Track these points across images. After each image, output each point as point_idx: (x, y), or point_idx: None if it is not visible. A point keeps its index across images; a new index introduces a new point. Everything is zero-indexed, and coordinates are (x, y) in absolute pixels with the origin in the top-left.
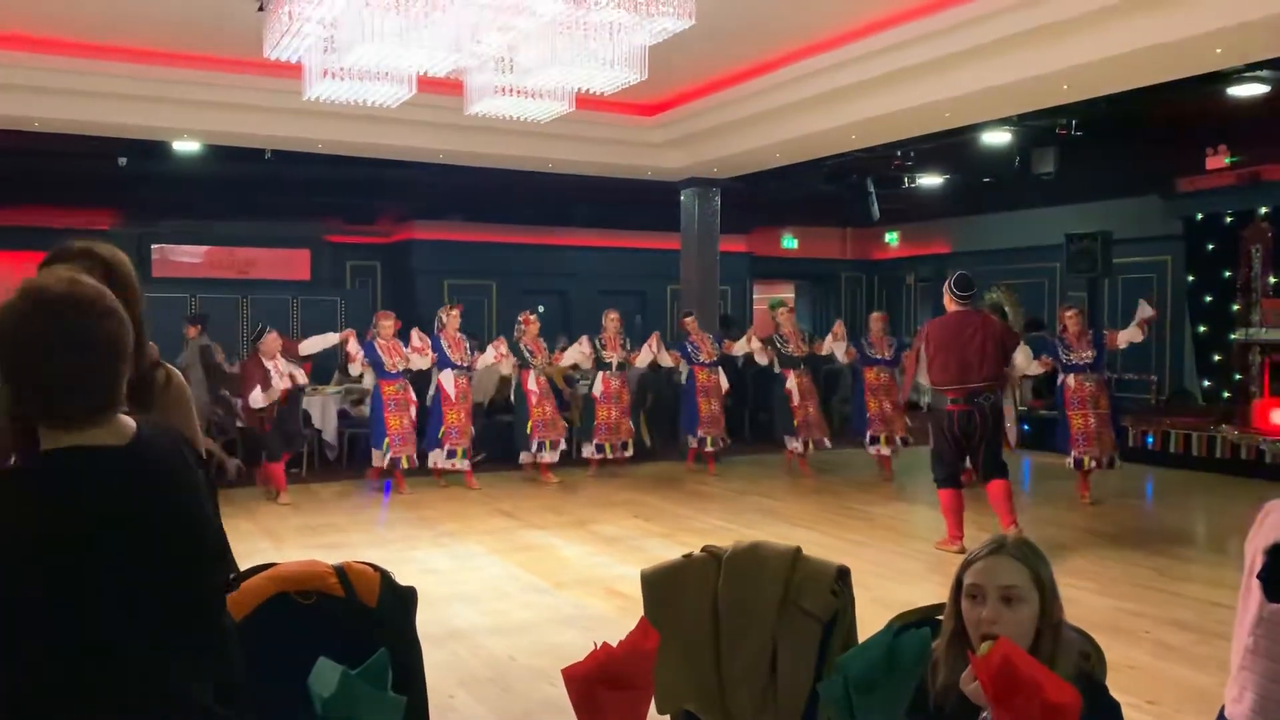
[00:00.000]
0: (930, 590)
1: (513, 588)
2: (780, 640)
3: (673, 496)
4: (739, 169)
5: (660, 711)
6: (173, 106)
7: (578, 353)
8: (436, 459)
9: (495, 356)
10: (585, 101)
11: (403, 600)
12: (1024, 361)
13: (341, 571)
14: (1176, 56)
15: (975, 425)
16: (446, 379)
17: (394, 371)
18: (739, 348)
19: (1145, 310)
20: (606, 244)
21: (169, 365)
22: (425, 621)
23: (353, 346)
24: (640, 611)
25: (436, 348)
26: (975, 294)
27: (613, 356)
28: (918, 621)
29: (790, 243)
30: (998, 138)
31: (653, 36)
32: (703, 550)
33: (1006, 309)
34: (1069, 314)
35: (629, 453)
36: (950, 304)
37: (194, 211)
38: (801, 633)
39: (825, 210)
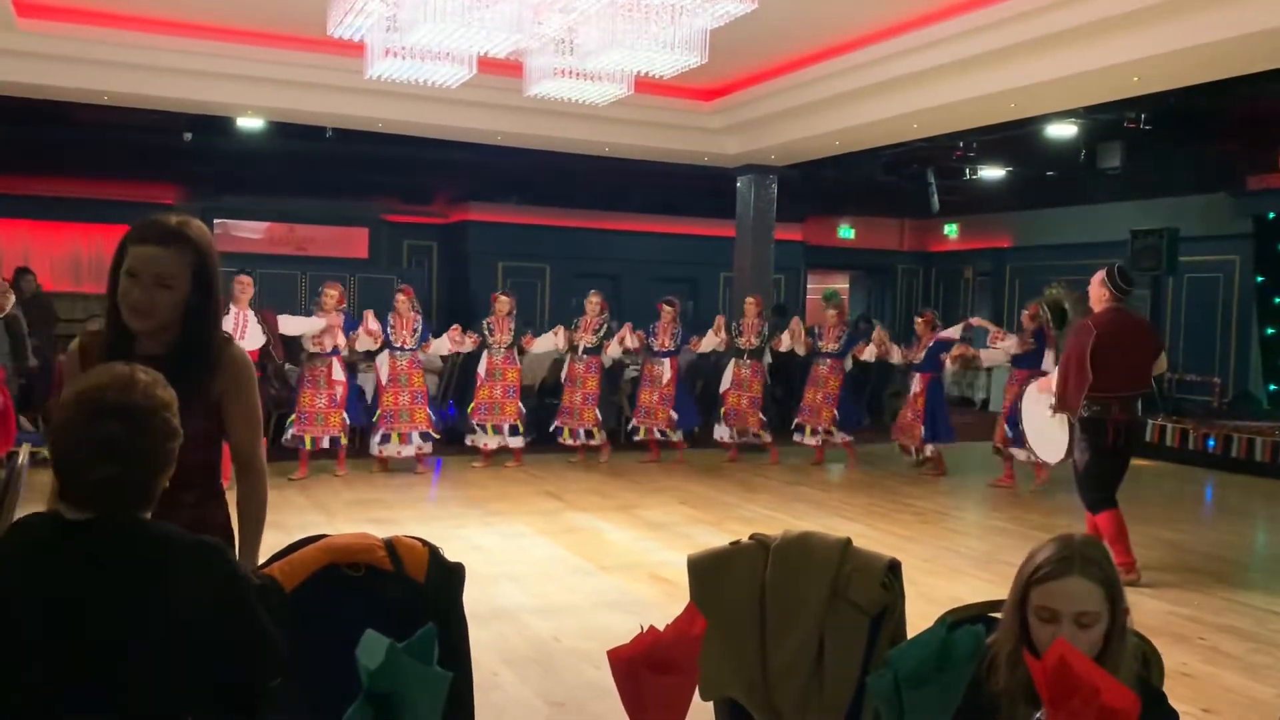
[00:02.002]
0: (980, 588)
1: (559, 569)
2: (827, 632)
3: (719, 485)
4: (797, 156)
5: (703, 698)
6: (238, 82)
7: (551, 340)
8: (376, 446)
9: (450, 345)
10: (643, 85)
11: (450, 576)
12: (1164, 364)
13: (391, 545)
14: (1253, 50)
15: (1136, 437)
16: (382, 361)
17: (319, 350)
18: (706, 344)
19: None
20: (660, 230)
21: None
22: (471, 599)
23: (340, 339)
24: (685, 597)
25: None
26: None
27: (581, 339)
28: (971, 618)
29: (846, 232)
30: (1063, 130)
31: (714, 19)
32: (751, 538)
33: (1067, 306)
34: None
35: (593, 441)
36: (1108, 300)
37: (256, 187)
38: (849, 626)
39: (883, 200)
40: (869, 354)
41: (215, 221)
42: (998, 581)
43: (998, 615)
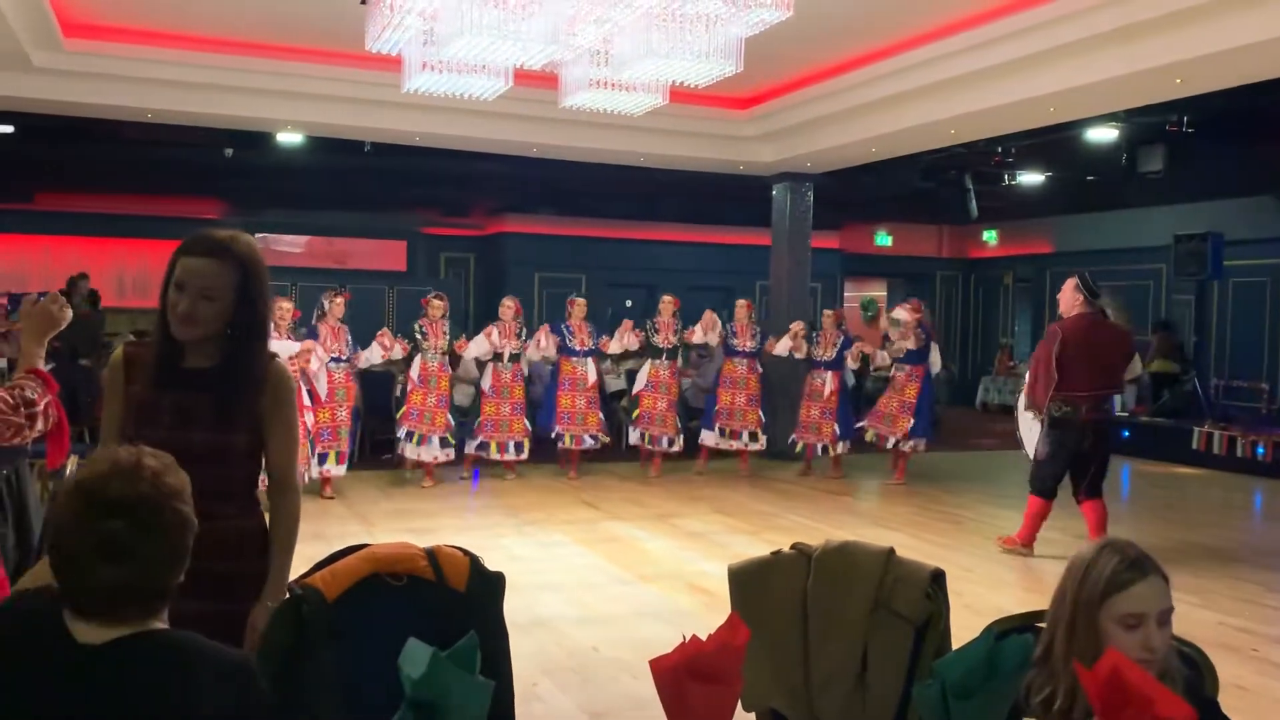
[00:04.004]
0: (1024, 598)
1: (597, 578)
2: (871, 642)
3: (757, 494)
4: (833, 164)
5: (746, 708)
6: (277, 99)
7: (480, 346)
8: (316, 468)
9: (382, 354)
10: (678, 95)
11: (491, 585)
12: (1139, 367)
13: (432, 555)
14: None
15: (1105, 436)
16: (319, 374)
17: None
18: (613, 346)
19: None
20: (695, 239)
21: (277, 356)
22: (511, 609)
23: (314, 363)
24: (725, 607)
25: (316, 339)
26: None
27: (505, 346)
28: (1018, 628)
29: (884, 240)
30: (1103, 134)
31: (749, 28)
32: (792, 547)
33: (1109, 313)
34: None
35: (524, 455)
36: (1080, 305)
37: (296, 202)
38: (893, 636)
39: (921, 207)
40: (781, 348)
41: (257, 236)
42: (1041, 590)
43: (1045, 625)
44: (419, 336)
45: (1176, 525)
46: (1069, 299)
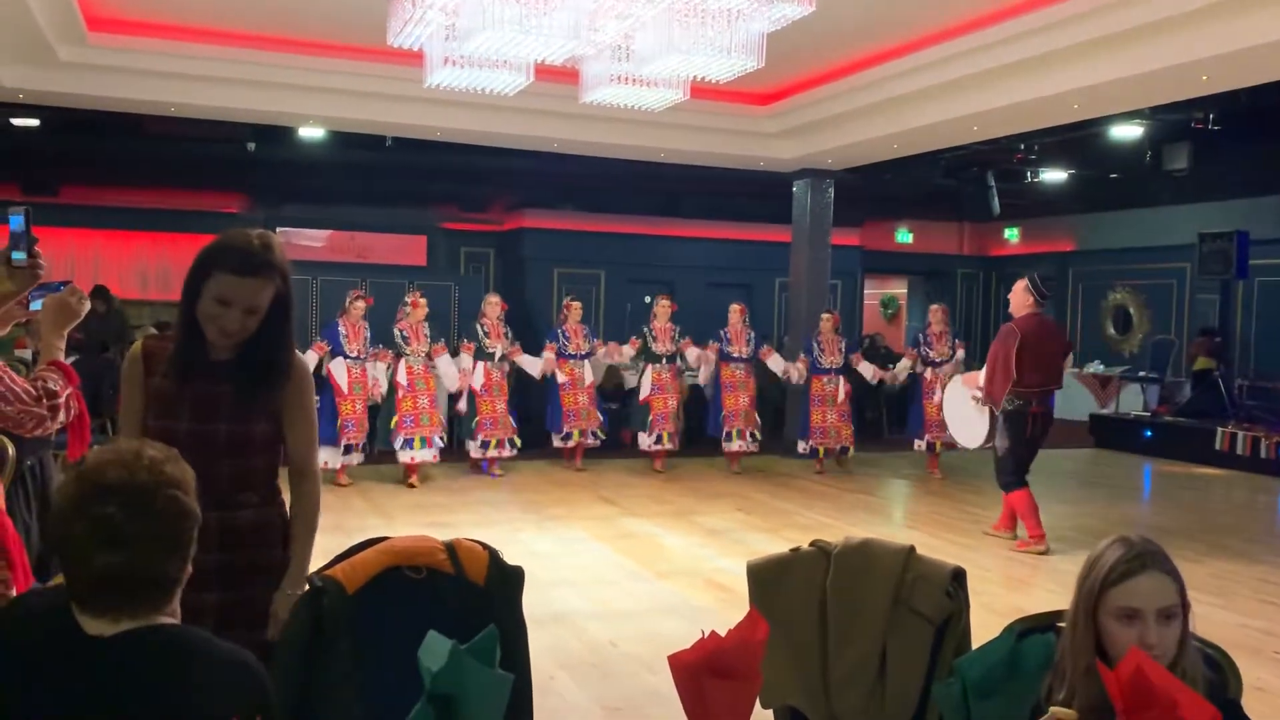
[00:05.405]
0: (1045, 598)
1: (616, 574)
2: (890, 641)
3: (777, 491)
4: (854, 160)
5: (764, 705)
6: (299, 93)
7: (465, 357)
8: (329, 458)
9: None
10: (699, 91)
11: (510, 579)
12: (1070, 362)
13: (451, 548)
14: None
15: (1049, 427)
16: (338, 369)
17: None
18: (606, 353)
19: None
20: (715, 235)
21: (298, 354)
22: (529, 603)
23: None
24: (743, 604)
25: (333, 336)
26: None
27: (495, 346)
28: (1039, 628)
29: (904, 237)
30: (1128, 131)
31: (771, 23)
32: (811, 545)
33: (1131, 311)
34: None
35: (513, 451)
36: (1031, 305)
37: (317, 196)
38: (912, 634)
39: (942, 204)
40: (775, 363)
41: (278, 230)
42: (1061, 591)
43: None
44: (400, 341)
45: (1198, 526)
46: (1020, 299)
